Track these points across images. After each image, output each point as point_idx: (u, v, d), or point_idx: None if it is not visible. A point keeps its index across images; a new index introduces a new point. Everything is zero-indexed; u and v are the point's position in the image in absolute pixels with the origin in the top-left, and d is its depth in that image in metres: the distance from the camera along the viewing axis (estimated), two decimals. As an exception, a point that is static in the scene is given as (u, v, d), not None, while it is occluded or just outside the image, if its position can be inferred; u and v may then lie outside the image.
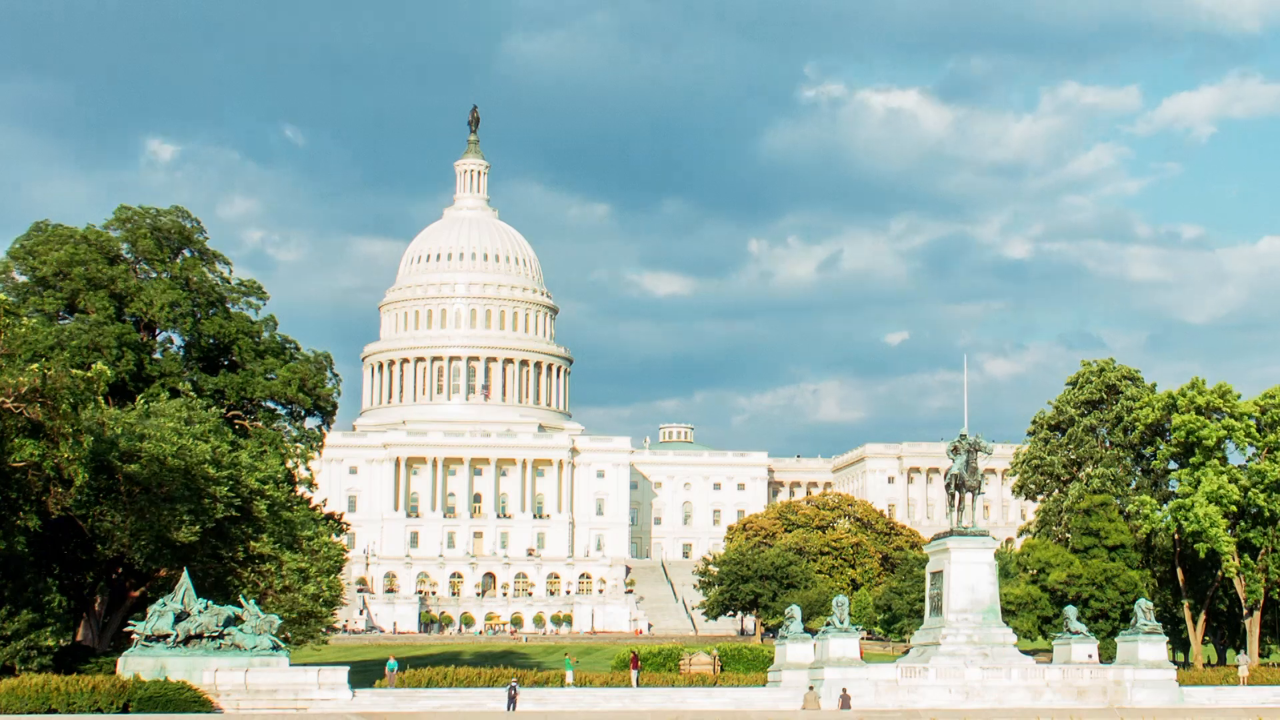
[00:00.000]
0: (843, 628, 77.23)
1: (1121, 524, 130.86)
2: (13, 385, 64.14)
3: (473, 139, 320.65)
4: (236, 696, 66.22)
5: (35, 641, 71.23)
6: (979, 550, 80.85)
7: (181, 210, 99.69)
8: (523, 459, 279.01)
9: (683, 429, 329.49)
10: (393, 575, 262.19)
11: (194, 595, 69.81)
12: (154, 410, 78.09)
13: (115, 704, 61.60)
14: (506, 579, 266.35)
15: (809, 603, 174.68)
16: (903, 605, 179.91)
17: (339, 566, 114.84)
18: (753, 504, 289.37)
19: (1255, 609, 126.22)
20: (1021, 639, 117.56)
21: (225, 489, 76.61)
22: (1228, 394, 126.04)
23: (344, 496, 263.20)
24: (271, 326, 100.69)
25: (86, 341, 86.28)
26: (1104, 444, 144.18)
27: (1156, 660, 79.78)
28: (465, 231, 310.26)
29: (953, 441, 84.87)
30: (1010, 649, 79.43)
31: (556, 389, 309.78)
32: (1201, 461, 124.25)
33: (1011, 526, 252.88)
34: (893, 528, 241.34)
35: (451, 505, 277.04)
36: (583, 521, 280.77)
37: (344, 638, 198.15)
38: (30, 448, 65.05)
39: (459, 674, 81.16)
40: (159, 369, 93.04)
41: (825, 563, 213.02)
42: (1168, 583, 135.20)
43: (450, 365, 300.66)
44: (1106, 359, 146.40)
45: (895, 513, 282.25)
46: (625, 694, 75.82)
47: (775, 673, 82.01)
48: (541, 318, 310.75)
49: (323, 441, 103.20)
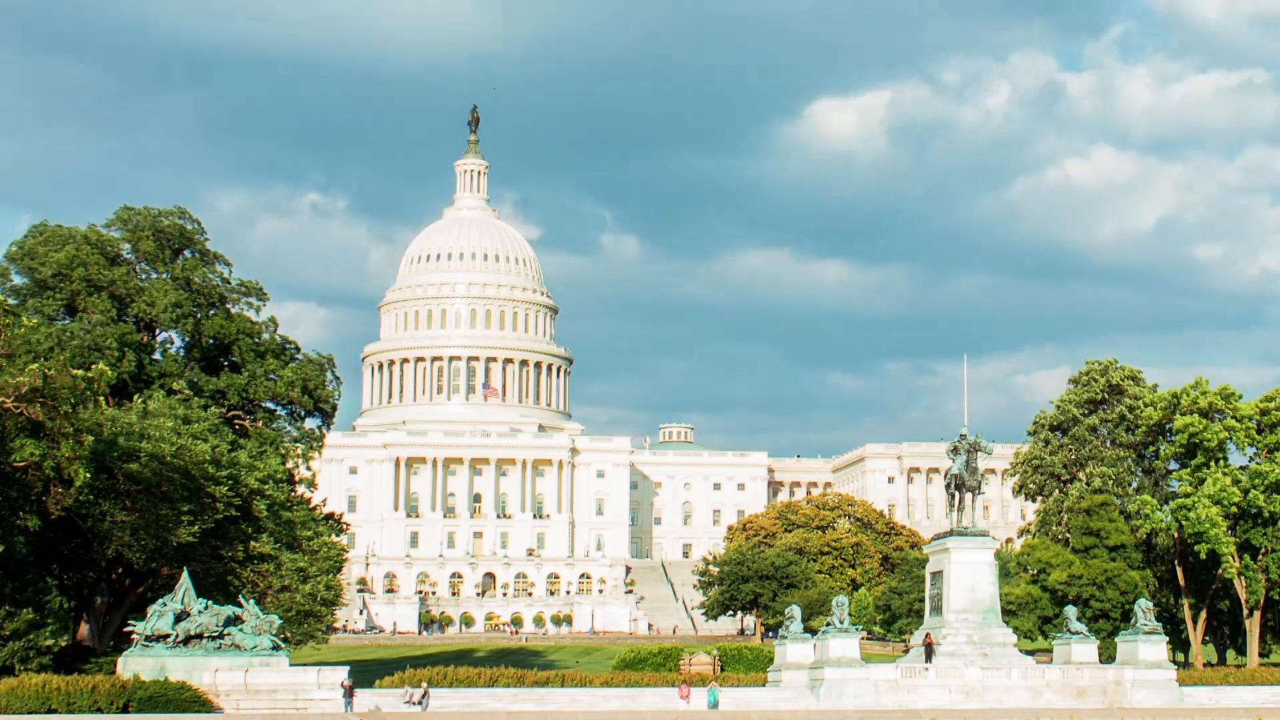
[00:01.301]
0: (843, 628, 77.21)
1: (1122, 524, 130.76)
2: (13, 385, 64.13)
3: (473, 139, 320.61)
4: (236, 696, 66.20)
5: (35, 641, 71.32)
6: (979, 550, 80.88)
7: (182, 211, 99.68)
8: (523, 459, 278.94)
9: (683, 429, 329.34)
10: (393, 575, 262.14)
11: (194, 595, 69.82)
12: (152, 410, 78.03)
13: (115, 704, 61.58)
14: (506, 579, 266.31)
15: (809, 603, 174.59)
16: (903, 605, 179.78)
17: (339, 566, 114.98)
18: (753, 504, 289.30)
19: (1255, 609, 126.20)
20: (1021, 639, 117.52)
21: (225, 489, 76.58)
22: (1230, 395, 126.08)
23: (344, 496, 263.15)
24: (272, 327, 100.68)
25: (88, 342, 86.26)
26: (1105, 444, 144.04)
27: (1156, 660, 79.74)
28: (465, 231, 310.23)
29: (953, 441, 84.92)
30: (1010, 649, 79.45)
31: (556, 389, 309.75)
32: (1203, 462, 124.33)
33: (1011, 526, 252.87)
34: (893, 528, 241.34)
35: (451, 505, 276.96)
36: (583, 521, 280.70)
37: (344, 638, 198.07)
38: (30, 447, 65.03)
39: (459, 674, 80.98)
40: (159, 369, 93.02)
41: (825, 563, 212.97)
42: (1168, 583, 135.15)
43: (450, 365, 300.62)
44: (1109, 359, 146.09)
45: (895, 513, 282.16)
46: (625, 694, 75.73)
47: (775, 673, 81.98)
48: (541, 317, 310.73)
49: (323, 442, 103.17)
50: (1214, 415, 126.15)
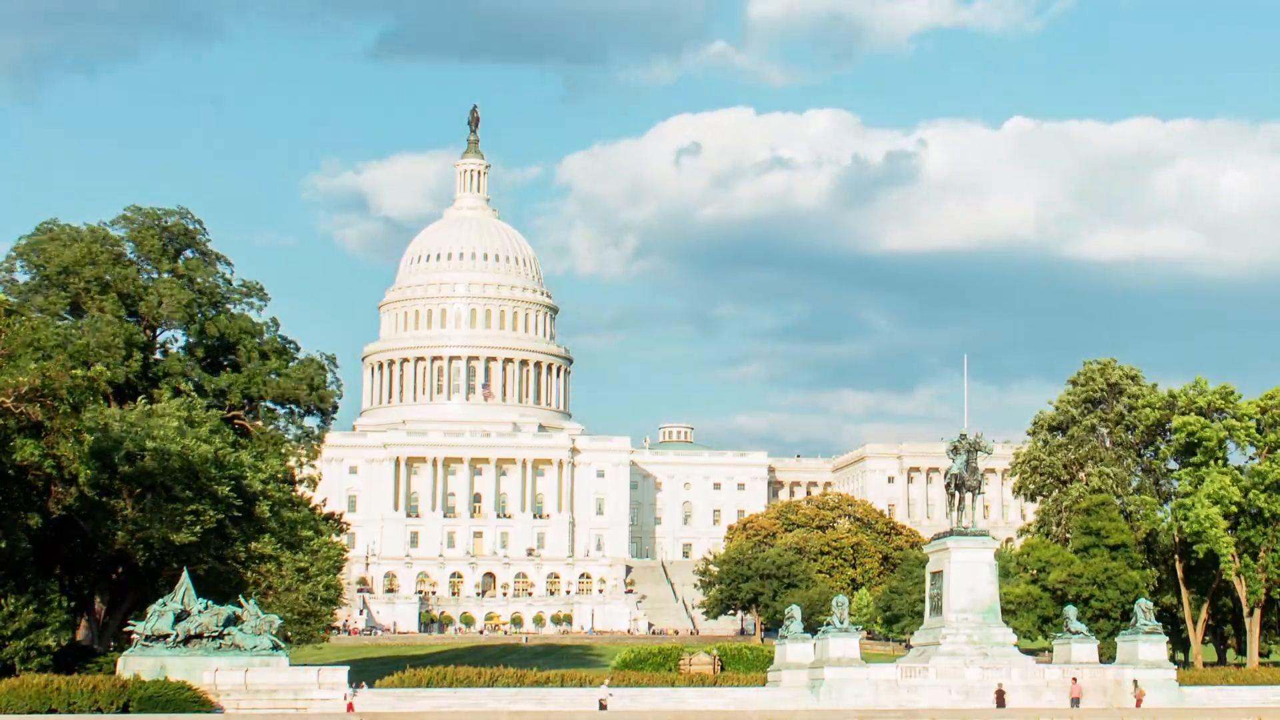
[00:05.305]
0: (843, 628, 77.22)
1: (1122, 523, 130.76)
2: (14, 385, 64.15)
3: (473, 139, 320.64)
4: (236, 696, 66.19)
5: (35, 641, 71.17)
6: (979, 550, 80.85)
7: (185, 211, 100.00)
8: (522, 459, 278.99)
9: (683, 429, 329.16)
10: (393, 575, 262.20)
11: (194, 595, 69.80)
12: (155, 410, 78.09)
13: (115, 704, 61.55)
14: (506, 579, 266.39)
15: (809, 602, 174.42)
16: (903, 605, 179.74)
17: (339, 566, 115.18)
18: (753, 504, 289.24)
19: (1256, 609, 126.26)
20: (1021, 639, 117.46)
21: (227, 489, 76.61)
22: (1229, 394, 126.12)
23: (344, 496, 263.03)
24: (273, 327, 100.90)
25: (93, 341, 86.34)
26: (1105, 443, 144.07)
27: (1157, 660, 79.71)
28: (465, 231, 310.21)
29: (953, 441, 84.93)
30: (1010, 649, 79.43)
31: (556, 389, 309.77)
32: (1203, 461, 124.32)
33: (1011, 526, 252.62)
34: (893, 527, 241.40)
35: (451, 505, 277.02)
36: (583, 521, 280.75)
37: (344, 638, 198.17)
38: (31, 447, 65.05)
39: (459, 674, 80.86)
40: (163, 369, 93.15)
41: (825, 562, 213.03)
42: (1168, 582, 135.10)
43: (450, 365, 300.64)
44: (1108, 358, 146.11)
45: (895, 512, 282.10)
46: (625, 694, 75.71)
47: (775, 673, 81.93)
48: (541, 317, 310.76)
49: (323, 441, 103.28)
50: (1213, 414, 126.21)
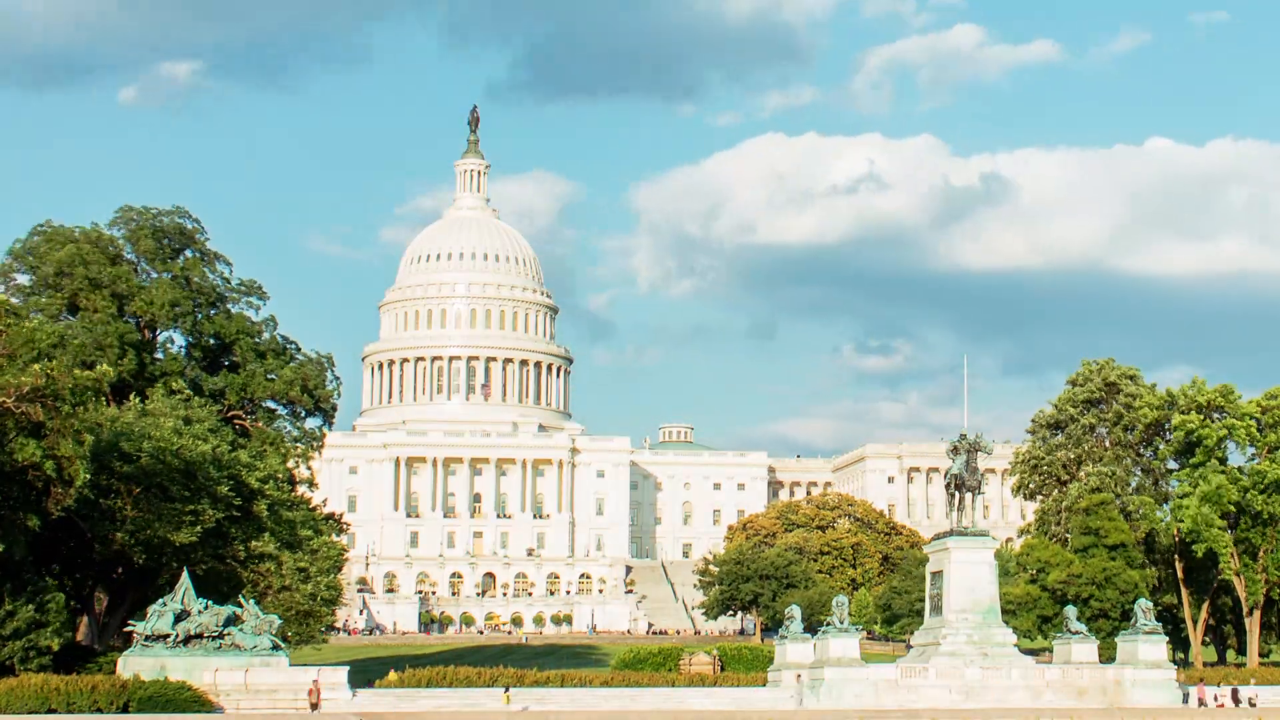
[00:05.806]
0: (843, 628, 77.26)
1: (1121, 523, 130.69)
2: (14, 385, 64.11)
3: (473, 139, 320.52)
4: (236, 696, 66.21)
5: (35, 641, 71.12)
6: (979, 550, 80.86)
7: (182, 210, 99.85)
8: (522, 459, 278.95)
9: (683, 429, 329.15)
10: (393, 575, 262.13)
11: (194, 595, 69.83)
12: (152, 410, 78.03)
13: (115, 704, 61.58)
14: (506, 579, 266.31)
15: (809, 603, 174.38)
16: (903, 605, 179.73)
17: (339, 566, 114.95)
18: (753, 504, 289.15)
19: (1255, 609, 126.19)
20: (1021, 639, 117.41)
21: (226, 488, 76.60)
22: (1229, 393, 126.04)
23: (344, 496, 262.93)
24: (272, 327, 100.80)
25: (89, 341, 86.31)
26: (1104, 443, 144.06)
27: (1156, 660, 79.75)
28: (465, 231, 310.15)
29: (953, 441, 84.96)
30: (1010, 649, 79.43)
31: (556, 389, 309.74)
32: (1202, 461, 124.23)
33: (1011, 526, 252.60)
34: (893, 527, 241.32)
35: (451, 505, 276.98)
36: (583, 521, 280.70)
37: (344, 638, 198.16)
38: (31, 447, 65.02)
39: (459, 674, 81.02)
40: (160, 368, 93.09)
41: (825, 563, 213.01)
42: (1168, 582, 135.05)
43: (450, 365, 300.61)
44: (1106, 358, 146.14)
45: (895, 513, 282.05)
46: (625, 694, 75.75)
47: (775, 673, 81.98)
48: (541, 318, 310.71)
49: (323, 441, 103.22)
50: (1213, 414, 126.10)
